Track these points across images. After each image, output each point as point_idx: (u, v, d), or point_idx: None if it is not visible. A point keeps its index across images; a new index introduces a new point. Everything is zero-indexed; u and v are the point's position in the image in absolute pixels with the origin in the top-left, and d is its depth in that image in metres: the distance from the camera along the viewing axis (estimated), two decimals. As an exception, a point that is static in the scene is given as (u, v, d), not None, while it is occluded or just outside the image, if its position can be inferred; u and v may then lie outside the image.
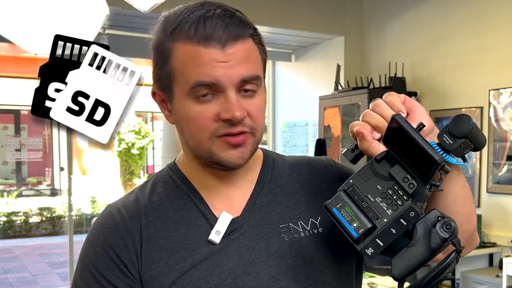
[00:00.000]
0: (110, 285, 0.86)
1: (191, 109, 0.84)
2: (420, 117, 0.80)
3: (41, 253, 8.20)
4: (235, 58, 0.82)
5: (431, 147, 0.71)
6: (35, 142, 12.28)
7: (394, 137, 0.74)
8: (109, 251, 0.87)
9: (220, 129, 0.84)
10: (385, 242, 0.73)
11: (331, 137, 4.64)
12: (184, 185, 0.93)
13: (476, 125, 0.76)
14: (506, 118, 3.79)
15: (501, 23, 3.86)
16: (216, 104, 0.83)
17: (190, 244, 0.88)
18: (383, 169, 0.76)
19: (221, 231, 0.89)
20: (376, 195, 0.74)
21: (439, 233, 0.71)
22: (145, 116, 12.57)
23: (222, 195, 0.93)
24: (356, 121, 0.83)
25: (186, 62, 0.83)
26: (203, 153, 0.87)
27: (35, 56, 1.32)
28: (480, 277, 3.60)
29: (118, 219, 0.90)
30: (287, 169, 0.99)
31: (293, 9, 4.70)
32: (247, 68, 0.84)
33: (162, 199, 0.92)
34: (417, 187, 0.73)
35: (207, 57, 0.81)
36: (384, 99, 0.82)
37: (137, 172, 11.23)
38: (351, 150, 0.84)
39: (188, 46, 0.82)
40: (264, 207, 0.93)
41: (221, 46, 0.81)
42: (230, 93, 0.82)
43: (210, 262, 0.87)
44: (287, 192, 0.96)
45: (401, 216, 0.73)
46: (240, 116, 0.83)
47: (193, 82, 0.82)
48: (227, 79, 0.82)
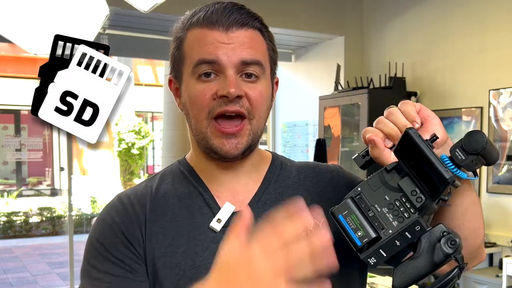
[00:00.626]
0: (115, 259, 0.87)
1: (194, 88, 0.88)
2: (434, 128, 0.80)
3: (41, 253, 8.21)
4: (238, 41, 0.87)
5: (442, 164, 0.70)
6: (35, 142, 12.28)
7: (406, 149, 0.74)
8: (115, 228, 0.89)
9: (216, 107, 0.87)
10: (389, 253, 0.73)
11: (331, 137, 4.64)
12: (191, 176, 0.96)
13: (490, 141, 0.75)
14: (506, 118, 3.79)
15: (501, 23, 3.86)
16: (216, 84, 0.87)
17: (193, 230, 0.90)
18: (392, 180, 0.75)
19: (222, 219, 0.91)
20: (383, 206, 0.74)
21: (443, 249, 0.72)
22: (145, 116, 12.58)
23: (228, 189, 0.95)
24: (369, 127, 0.83)
25: (193, 43, 0.89)
26: (201, 136, 0.90)
27: (35, 56, 1.32)
28: (480, 277, 3.60)
29: (126, 202, 0.92)
30: (294, 172, 1.01)
31: (293, 9, 4.70)
32: (249, 52, 0.88)
33: (169, 187, 0.95)
34: (425, 201, 0.73)
35: (211, 37, 0.87)
36: (399, 107, 0.82)
37: (137, 172, 11.24)
38: (361, 156, 0.85)
39: (196, 30, 0.89)
40: (267, 204, 0.95)
41: (224, 29, 0.87)
42: (229, 72, 0.86)
43: (212, 250, 0.88)
44: (292, 193, 0.97)
45: (406, 229, 0.73)
46: (234, 93, 0.85)
47: (196, 60, 0.87)
48: (227, 59, 0.86)
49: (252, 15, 0.91)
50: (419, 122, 0.80)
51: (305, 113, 5.30)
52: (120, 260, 0.87)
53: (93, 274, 0.87)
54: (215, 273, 0.65)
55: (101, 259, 0.88)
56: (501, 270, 3.48)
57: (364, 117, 4.20)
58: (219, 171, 0.94)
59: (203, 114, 0.88)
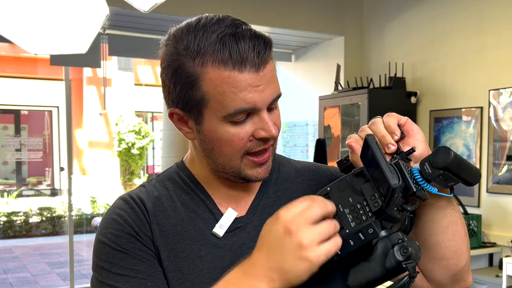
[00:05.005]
0: (136, 255, 0.86)
1: (227, 131, 0.85)
2: (415, 142, 0.84)
3: (41, 253, 8.20)
4: (266, 80, 0.84)
5: (391, 172, 0.73)
6: (35, 142, 12.28)
7: (367, 155, 0.77)
8: (127, 227, 0.88)
9: (254, 147, 0.87)
10: (343, 251, 0.77)
11: (331, 137, 4.64)
12: (191, 182, 0.95)
13: (462, 159, 0.78)
14: (506, 118, 3.79)
15: (501, 23, 3.86)
16: (250, 125, 0.86)
17: (195, 235, 0.90)
18: (357, 183, 0.79)
19: (225, 225, 0.91)
20: (346, 207, 0.78)
21: (394, 255, 0.74)
22: (145, 116, 12.57)
23: (229, 195, 0.95)
24: (354, 134, 0.88)
25: (222, 88, 0.82)
26: (230, 170, 0.89)
27: (35, 56, 1.32)
28: (480, 277, 3.60)
29: (133, 203, 0.92)
30: (293, 174, 1.01)
31: (293, 9, 4.70)
32: (276, 88, 0.87)
33: (170, 192, 0.94)
34: (381, 206, 0.75)
35: (244, 82, 0.82)
36: (383, 118, 0.86)
37: (137, 172, 11.23)
38: (343, 160, 0.90)
39: (221, 71, 0.81)
40: (267, 209, 0.95)
41: (255, 70, 0.82)
42: (264, 114, 0.86)
43: (215, 255, 0.89)
44: (291, 195, 0.97)
45: (360, 231, 0.76)
46: (276, 134, 0.88)
47: (232, 110, 0.83)
48: (262, 102, 0.84)
49: (268, 42, 0.85)
50: (398, 135, 0.84)
51: (305, 113, 5.30)
52: (141, 257, 0.86)
53: (115, 270, 0.86)
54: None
55: (120, 256, 0.86)
56: (501, 270, 3.48)
57: (364, 117, 4.20)
58: (228, 186, 0.94)
59: (238, 154, 0.87)
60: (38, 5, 1.90)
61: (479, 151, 3.96)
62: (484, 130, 3.92)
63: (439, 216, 0.86)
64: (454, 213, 0.87)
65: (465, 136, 4.06)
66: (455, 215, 0.88)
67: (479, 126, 3.95)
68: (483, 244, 3.83)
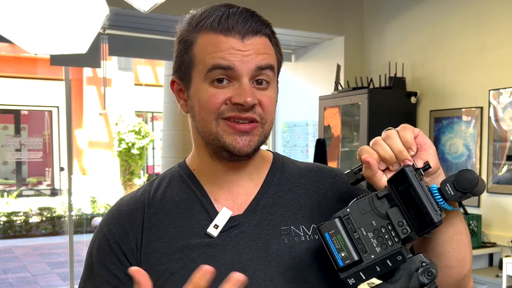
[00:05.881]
0: (108, 271, 0.91)
1: (206, 91, 0.88)
2: (428, 157, 0.82)
3: (41, 253, 8.20)
4: (253, 48, 0.87)
5: (432, 207, 0.73)
6: (35, 142, 12.29)
7: (399, 182, 0.76)
8: (110, 239, 0.92)
9: (227, 111, 0.87)
10: (368, 277, 0.76)
11: (331, 137, 4.64)
12: (190, 180, 0.96)
13: (480, 178, 0.77)
14: (506, 118, 3.79)
15: (501, 23, 3.85)
16: (229, 90, 0.87)
17: (189, 236, 0.90)
18: (381, 206, 0.77)
19: (219, 225, 0.91)
20: (369, 230, 0.76)
21: (419, 278, 0.74)
22: (145, 116, 12.58)
23: (227, 192, 0.94)
24: (366, 147, 0.84)
25: (206, 48, 0.87)
26: (210, 137, 0.90)
27: (35, 56, 1.32)
28: (480, 277, 3.60)
29: (124, 210, 0.94)
30: (296, 174, 1.00)
31: (293, 9, 4.70)
32: (263, 58, 0.88)
33: (166, 192, 0.95)
34: (410, 233, 0.74)
35: (227, 44, 0.86)
36: (398, 131, 0.83)
37: (137, 172, 11.23)
38: (354, 172, 0.86)
39: (210, 35, 0.88)
40: (267, 208, 0.94)
41: (240, 37, 0.87)
42: (244, 79, 0.86)
43: (208, 255, 0.88)
44: (292, 196, 0.96)
45: (388, 257, 0.75)
46: (251, 102, 0.86)
47: (210, 65, 0.86)
48: (243, 66, 0.86)
49: (264, 22, 0.91)
50: (415, 150, 0.82)
51: (305, 113, 5.30)
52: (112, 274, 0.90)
53: (96, 279, 0.92)
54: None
55: (95, 271, 0.92)
56: (501, 270, 3.48)
57: (364, 117, 4.20)
58: (223, 172, 0.94)
59: (212, 116, 0.88)
60: (38, 5, 1.90)
61: (479, 151, 3.96)
62: (484, 130, 3.92)
63: (446, 227, 0.85)
64: (459, 223, 0.87)
65: (465, 136, 4.06)
66: (460, 225, 0.87)
67: (479, 126, 3.95)
68: (483, 244, 3.83)
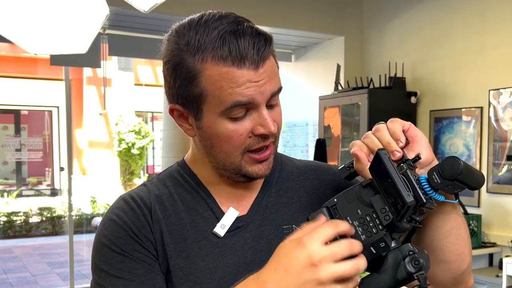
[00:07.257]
0: (136, 258, 0.86)
1: (225, 127, 0.85)
2: (420, 148, 0.83)
3: (41, 253, 8.21)
4: (266, 76, 0.84)
5: (406, 189, 0.73)
6: (35, 142, 12.29)
7: (378, 168, 0.77)
8: (127, 229, 0.88)
9: (254, 144, 0.87)
10: None
11: (331, 137, 4.64)
12: (193, 181, 0.95)
13: (469, 167, 0.78)
14: (506, 118, 3.79)
15: (501, 23, 3.86)
16: (249, 121, 0.85)
17: (196, 235, 0.90)
18: (366, 195, 0.78)
19: (226, 225, 0.91)
20: (355, 219, 0.77)
21: (406, 267, 0.74)
22: (145, 116, 12.58)
23: (230, 193, 0.94)
24: (357, 141, 0.86)
25: (220, 83, 0.82)
26: (231, 167, 0.89)
27: (35, 56, 1.32)
28: (480, 277, 3.60)
29: (133, 203, 0.91)
30: (295, 173, 1.01)
31: (293, 9, 4.70)
32: (275, 83, 0.86)
33: (171, 191, 0.94)
34: (392, 220, 0.75)
35: (242, 78, 0.82)
36: (387, 124, 0.84)
37: (137, 172, 11.23)
38: (347, 167, 0.88)
39: (220, 67, 0.82)
40: (269, 207, 0.95)
41: (254, 67, 0.82)
42: (263, 110, 0.85)
43: (216, 255, 0.88)
44: (292, 195, 0.97)
45: (371, 244, 0.75)
46: (275, 131, 0.86)
47: (229, 104, 0.82)
48: (260, 97, 0.84)
49: (268, 39, 0.85)
50: (403, 141, 0.82)
51: (305, 113, 5.30)
52: (140, 260, 0.86)
53: (114, 272, 0.86)
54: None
55: (119, 258, 0.86)
56: (501, 270, 3.48)
57: (364, 117, 4.20)
58: (231, 184, 0.94)
59: (238, 150, 0.87)
60: (38, 5, 1.90)
61: (479, 151, 3.96)
62: (484, 130, 3.92)
63: (443, 221, 0.86)
64: (457, 218, 0.87)
65: (465, 136, 4.06)
66: (458, 219, 0.87)
67: (479, 126, 3.95)
68: (483, 244, 3.83)
